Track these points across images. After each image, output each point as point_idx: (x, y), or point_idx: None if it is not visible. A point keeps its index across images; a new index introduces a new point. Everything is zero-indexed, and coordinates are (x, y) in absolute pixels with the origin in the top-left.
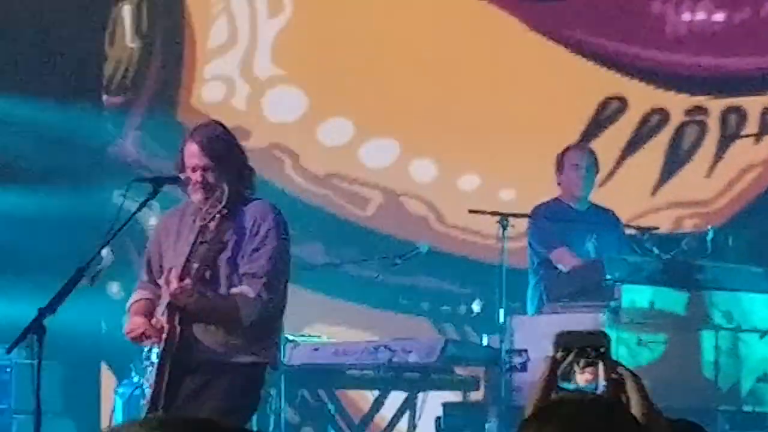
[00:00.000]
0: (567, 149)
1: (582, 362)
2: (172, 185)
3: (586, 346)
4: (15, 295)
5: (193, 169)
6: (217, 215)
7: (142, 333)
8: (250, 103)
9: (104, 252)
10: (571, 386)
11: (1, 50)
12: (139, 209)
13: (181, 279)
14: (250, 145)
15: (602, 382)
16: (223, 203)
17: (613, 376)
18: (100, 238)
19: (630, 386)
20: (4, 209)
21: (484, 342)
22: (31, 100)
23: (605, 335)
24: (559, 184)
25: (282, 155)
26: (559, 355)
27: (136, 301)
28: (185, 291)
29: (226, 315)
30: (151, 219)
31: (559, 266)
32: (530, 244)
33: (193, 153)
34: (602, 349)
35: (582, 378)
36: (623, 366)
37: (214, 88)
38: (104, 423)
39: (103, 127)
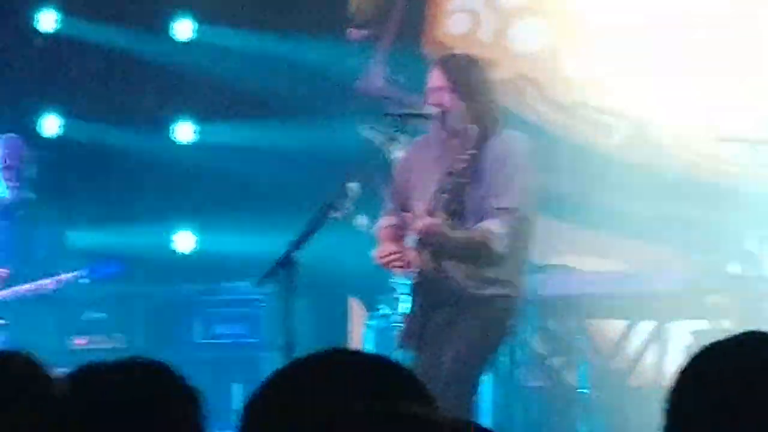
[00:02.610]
0: None
1: None
2: (419, 119)
3: None
4: (265, 230)
5: (433, 92)
6: (463, 148)
7: (391, 258)
8: (496, 35)
9: (352, 185)
10: None
11: None
12: (387, 142)
13: (429, 213)
14: (497, 76)
15: None
16: (468, 135)
17: None
18: (347, 172)
19: None
20: (257, 144)
21: (731, 270)
22: (281, 34)
23: None
24: None
25: (527, 86)
26: None
27: (385, 227)
28: (435, 226)
29: (475, 248)
30: (398, 151)
31: None
32: None
33: (433, 75)
34: None
35: None
36: None
37: (459, 19)
38: None
39: (349, 60)
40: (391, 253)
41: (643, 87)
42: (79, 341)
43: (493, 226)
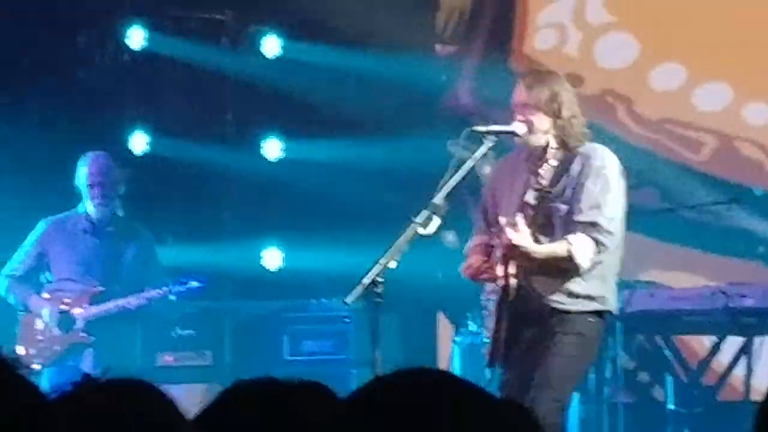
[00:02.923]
0: None
1: None
2: (506, 135)
3: None
4: (352, 246)
5: (519, 108)
6: (549, 163)
7: (478, 268)
8: (582, 50)
9: (439, 201)
10: None
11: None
12: (474, 160)
13: (516, 228)
14: (583, 91)
15: None
16: (554, 150)
17: None
18: (434, 188)
19: None
20: (344, 160)
21: None
22: (368, 51)
23: None
24: None
25: (614, 101)
26: None
27: (474, 246)
28: (521, 240)
29: (562, 263)
30: (485, 167)
31: None
32: None
33: (518, 91)
34: None
35: None
36: None
37: (547, 35)
38: None
39: (436, 76)
40: (478, 264)
41: (731, 101)
42: (167, 358)
43: (579, 240)
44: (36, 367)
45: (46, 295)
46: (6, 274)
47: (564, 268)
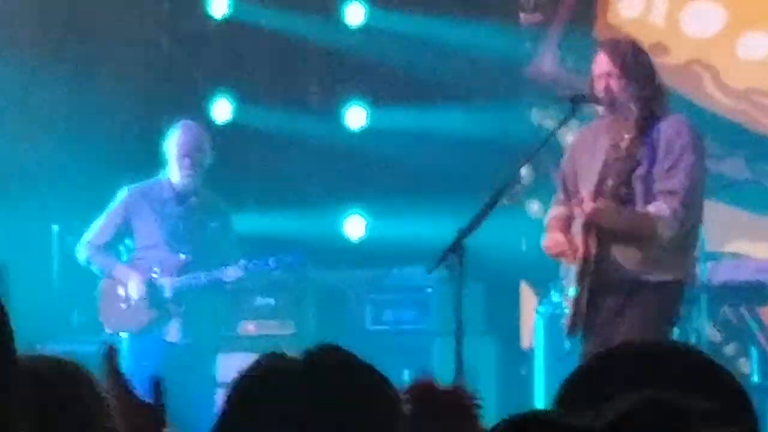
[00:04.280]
0: None
1: None
2: (588, 103)
3: None
4: (436, 216)
5: (599, 77)
6: (629, 132)
7: (560, 248)
8: (668, 19)
9: (523, 171)
10: None
11: None
12: (558, 127)
13: (595, 197)
14: (669, 61)
15: None
16: (635, 119)
17: None
18: (518, 157)
19: None
20: (428, 129)
21: None
22: (452, 19)
23: None
24: None
25: (701, 71)
26: None
27: (554, 218)
28: (600, 210)
29: (642, 233)
30: (568, 136)
31: None
32: None
33: (599, 60)
34: None
35: None
36: None
37: (632, 3)
38: (525, 342)
39: (520, 45)
40: (559, 243)
41: None
42: (249, 327)
43: (660, 209)
44: (123, 335)
45: (131, 265)
46: (87, 241)
47: (644, 238)
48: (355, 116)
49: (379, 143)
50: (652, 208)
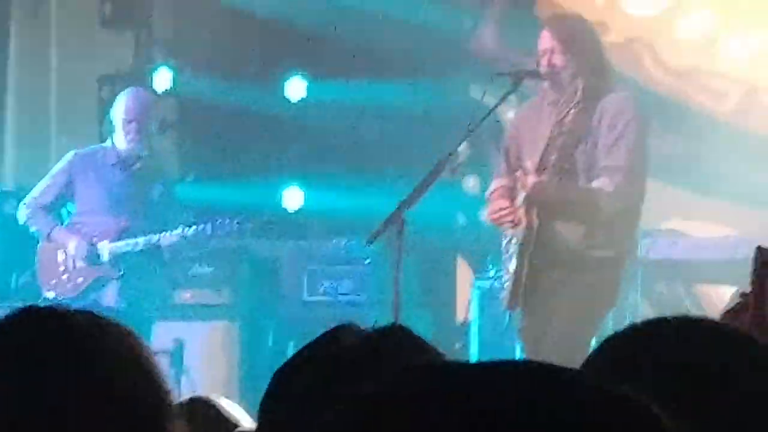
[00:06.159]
0: None
1: None
2: (531, 79)
3: None
4: (375, 189)
5: (544, 52)
6: (574, 108)
7: (501, 214)
8: None
9: (462, 146)
10: None
11: None
12: (498, 103)
13: (539, 172)
14: (609, 39)
15: None
16: (579, 94)
17: None
18: (457, 132)
19: None
20: (368, 102)
21: None
22: None
23: None
24: None
25: (641, 49)
26: None
27: (496, 189)
28: (543, 184)
29: (584, 208)
30: (509, 113)
31: None
32: None
33: (543, 36)
34: None
35: None
36: None
37: None
38: (460, 315)
39: (462, 20)
40: (501, 210)
41: (758, 51)
42: (185, 295)
43: (603, 184)
44: (53, 296)
45: (70, 228)
46: (29, 201)
47: (586, 212)
48: (296, 87)
49: (319, 115)
50: (594, 183)
